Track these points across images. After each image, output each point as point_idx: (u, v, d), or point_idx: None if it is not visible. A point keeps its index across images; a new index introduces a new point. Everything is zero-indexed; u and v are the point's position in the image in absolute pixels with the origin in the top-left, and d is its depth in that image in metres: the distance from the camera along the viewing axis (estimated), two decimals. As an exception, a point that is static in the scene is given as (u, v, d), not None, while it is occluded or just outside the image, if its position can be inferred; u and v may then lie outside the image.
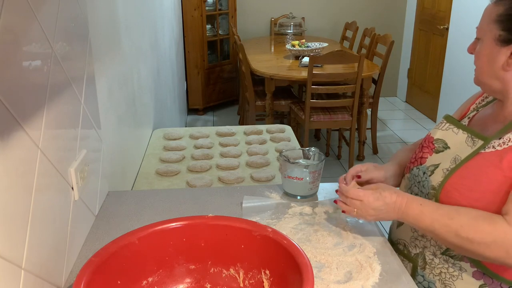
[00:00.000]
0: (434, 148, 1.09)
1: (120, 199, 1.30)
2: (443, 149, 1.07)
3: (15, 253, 0.73)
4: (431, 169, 1.07)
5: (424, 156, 1.11)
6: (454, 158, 1.03)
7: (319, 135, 4.28)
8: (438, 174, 1.04)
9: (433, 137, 1.11)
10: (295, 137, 2.08)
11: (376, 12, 5.16)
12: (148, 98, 2.20)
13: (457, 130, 1.07)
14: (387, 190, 1.03)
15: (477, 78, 1.03)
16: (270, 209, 1.23)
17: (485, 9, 1.00)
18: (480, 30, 1.00)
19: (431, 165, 1.07)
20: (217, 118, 4.83)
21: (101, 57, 1.32)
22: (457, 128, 1.08)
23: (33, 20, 0.82)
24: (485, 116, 1.08)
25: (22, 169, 0.76)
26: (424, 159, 1.10)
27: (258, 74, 3.43)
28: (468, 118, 1.12)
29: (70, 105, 1.01)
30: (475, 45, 1.02)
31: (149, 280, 0.87)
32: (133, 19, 1.90)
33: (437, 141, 1.10)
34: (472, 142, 1.02)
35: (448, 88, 4.39)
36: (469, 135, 1.04)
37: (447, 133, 1.09)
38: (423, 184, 1.08)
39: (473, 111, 1.13)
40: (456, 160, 1.02)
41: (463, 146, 1.03)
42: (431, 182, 1.05)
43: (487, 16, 0.98)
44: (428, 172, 1.07)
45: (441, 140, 1.09)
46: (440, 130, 1.11)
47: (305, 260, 0.78)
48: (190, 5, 4.44)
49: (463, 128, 1.06)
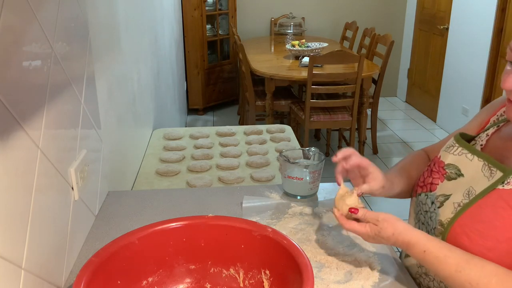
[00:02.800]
0: (445, 173, 0.96)
1: (120, 199, 1.30)
2: (456, 176, 0.94)
3: (15, 253, 0.73)
4: (440, 200, 0.94)
5: (434, 182, 0.97)
6: (468, 191, 0.89)
7: (319, 135, 4.28)
8: (448, 208, 0.91)
9: (444, 161, 0.97)
10: (295, 137, 2.08)
11: (376, 12, 5.17)
12: (148, 98, 2.20)
13: (472, 157, 0.92)
14: (389, 228, 0.89)
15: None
16: (270, 209, 1.23)
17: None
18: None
19: (441, 194, 0.94)
20: (217, 118, 4.83)
21: (101, 57, 1.32)
22: (471, 154, 0.93)
23: (33, 20, 0.82)
24: (508, 137, 0.92)
25: (22, 169, 0.76)
26: (434, 186, 0.97)
27: (258, 74, 3.43)
28: (487, 136, 0.97)
29: (70, 105, 1.01)
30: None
31: (149, 280, 0.87)
32: (133, 19, 1.90)
33: (449, 166, 0.96)
34: (490, 172, 0.87)
35: (448, 88, 4.39)
36: (485, 163, 0.89)
37: (460, 159, 0.94)
38: (430, 216, 0.96)
39: (493, 125, 0.98)
40: (470, 194, 0.88)
41: (479, 176, 0.88)
42: (439, 216, 0.92)
43: None
44: (437, 202, 0.94)
45: (453, 166, 0.95)
46: (452, 155, 0.96)
47: (305, 260, 0.78)
48: (190, 5, 4.44)
49: (478, 155, 0.91)
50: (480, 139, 0.99)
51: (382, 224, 0.89)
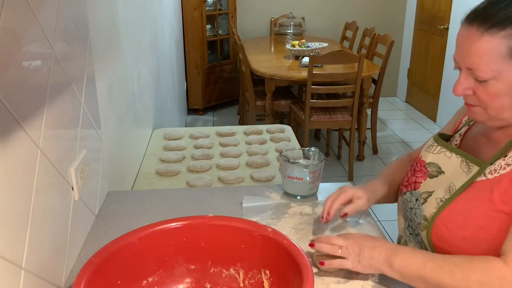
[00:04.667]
0: (427, 172, 1.03)
1: (120, 199, 1.30)
2: (437, 173, 1.01)
3: (15, 253, 0.73)
4: (424, 197, 1.00)
5: (417, 181, 1.04)
6: (449, 187, 0.96)
7: (319, 135, 4.28)
8: (431, 204, 0.97)
9: (425, 160, 1.04)
10: (295, 137, 2.07)
11: (376, 12, 5.16)
12: (148, 98, 2.20)
13: (450, 154, 1.00)
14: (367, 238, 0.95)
15: (492, 117, 0.89)
16: (270, 209, 1.23)
17: (477, 48, 0.84)
18: (487, 71, 0.84)
19: (424, 191, 1.01)
20: (217, 118, 4.83)
21: (101, 57, 1.32)
22: (449, 152, 1.00)
23: (33, 20, 0.82)
24: (477, 134, 1.01)
25: (22, 169, 0.76)
26: (418, 184, 1.04)
27: (258, 74, 3.43)
28: (460, 136, 1.05)
29: (70, 105, 1.01)
30: (469, 85, 0.88)
31: (149, 280, 0.87)
32: (133, 19, 1.90)
33: (430, 164, 1.03)
34: (467, 168, 0.94)
35: (448, 88, 4.38)
36: (463, 159, 0.96)
37: (440, 157, 1.02)
38: (415, 212, 1.02)
39: (465, 124, 1.06)
40: (451, 189, 0.95)
41: (458, 172, 0.96)
42: (423, 212, 0.98)
43: (491, 54, 0.83)
44: (421, 199, 1.01)
45: (434, 164, 1.02)
46: (432, 154, 1.04)
47: (305, 260, 0.78)
48: (190, 5, 4.44)
49: (455, 152, 0.99)
50: (455, 139, 1.06)
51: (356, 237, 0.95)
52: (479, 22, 0.84)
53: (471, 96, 0.90)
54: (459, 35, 0.88)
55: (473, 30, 0.85)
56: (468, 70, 0.87)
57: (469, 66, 0.86)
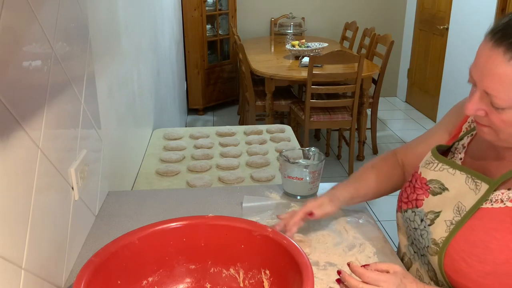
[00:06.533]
0: (429, 189, 0.95)
1: (120, 199, 1.30)
2: (440, 190, 0.93)
3: (15, 253, 0.73)
4: (430, 217, 0.93)
5: (419, 198, 0.97)
6: (458, 207, 0.88)
7: (319, 135, 4.28)
8: (441, 226, 0.90)
9: (426, 178, 0.97)
10: (295, 137, 2.08)
11: (376, 12, 5.16)
12: (148, 98, 2.20)
13: (453, 171, 0.93)
14: (408, 281, 0.85)
15: (503, 140, 0.83)
16: (270, 209, 1.23)
17: (500, 74, 0.76)
18: (506, 99, 0.77)
19: (430, 211, 0.93)
20: (217, 118, 4.83)
21: (101, 57, 1.32)
22: (452, 169, 0.93)
23: (33, 20, 0.82)
24: (485, 146, 0.92)
25: (22, 169, 0.76)
26: (420, 202, 0.96)
27: (258, 74, 3.43)
28: (464, 148, 0.97)
29: (70, 105, 1.01)
30: (483, 107, 0.81)
31: (149, 280, 0.87)
32: (133, 19, 1.90)
33: (432, 181, 0.95)
34: (475, 185, 0.87)
35: (448, 88, 4.39)
36: (468, 176, 0.90)
37: (442, 174, 0.94)
38: (421, 234, 0.95)
39: (467, 133, 0.98)
40: (460, 210, 0.88)
41: (465, 190, 0.89)
42: (432, 235, 0.91)
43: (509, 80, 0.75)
44: (426, 220, 0.93)
45: (436, 181, 0.95)
46: (433, 171, 0.96)
47: (305, 260, 0.78)
48: (190, 5, 4.44)
49: (459, 169, 0.92)
50: (458, 151, 0.98)
51: (405, 278, 0.85)
52: (508, 45, 0.75)
53: (483, 117, 0.83)
54: (482, 50, 0.80)
55: (499, 52, 0.76)
56: (484, 93, 0.80)
57: (487, 91, 0.79)
